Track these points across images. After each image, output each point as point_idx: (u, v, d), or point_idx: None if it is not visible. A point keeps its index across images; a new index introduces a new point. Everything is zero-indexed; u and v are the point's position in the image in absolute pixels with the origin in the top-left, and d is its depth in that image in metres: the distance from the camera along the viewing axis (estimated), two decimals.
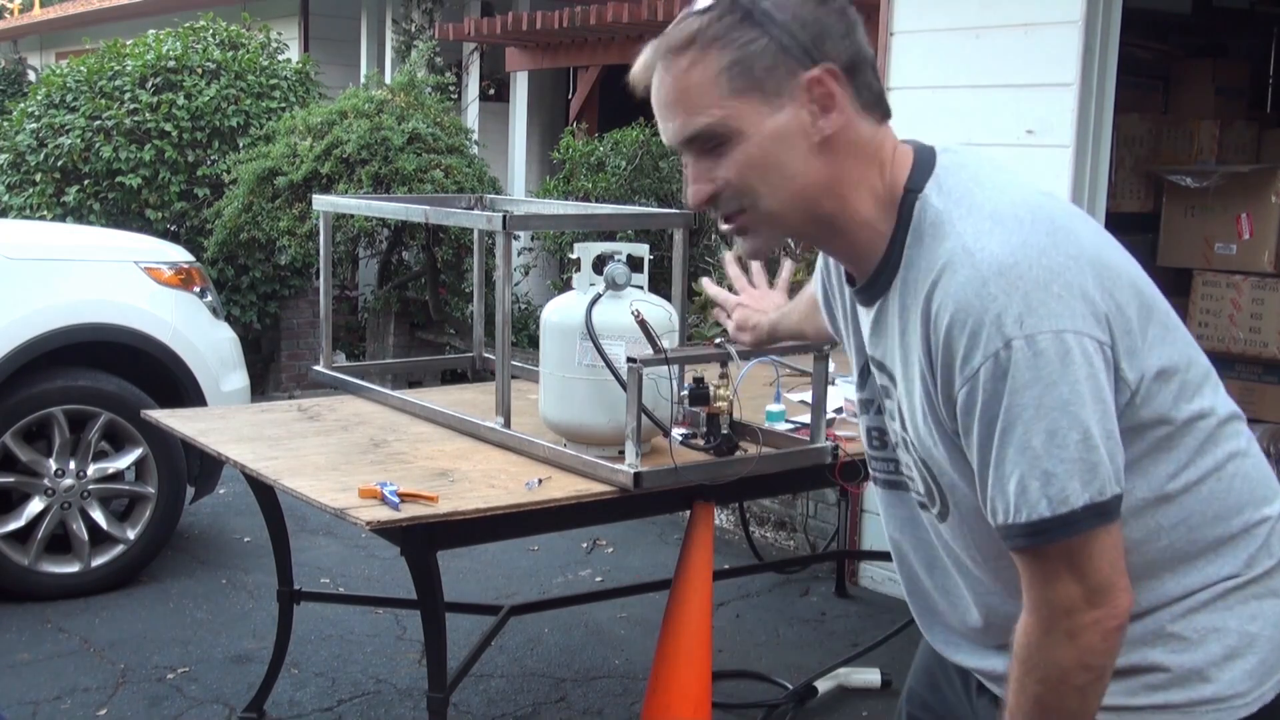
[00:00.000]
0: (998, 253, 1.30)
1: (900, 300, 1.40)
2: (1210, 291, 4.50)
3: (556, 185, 6.95)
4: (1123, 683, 1.40)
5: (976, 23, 4.12)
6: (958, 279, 1.30)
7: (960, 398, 1.32)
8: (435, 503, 2.58)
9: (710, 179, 1.40)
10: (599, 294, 2.93)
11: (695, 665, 2.90)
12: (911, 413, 1.43)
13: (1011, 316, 1.26)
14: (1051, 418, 1.26)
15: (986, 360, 1.27)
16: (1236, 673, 1.41)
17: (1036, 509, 1.28)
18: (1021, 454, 1.28)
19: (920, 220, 1.39)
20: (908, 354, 1.41)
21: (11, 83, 13.67)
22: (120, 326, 4.58)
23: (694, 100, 1.37)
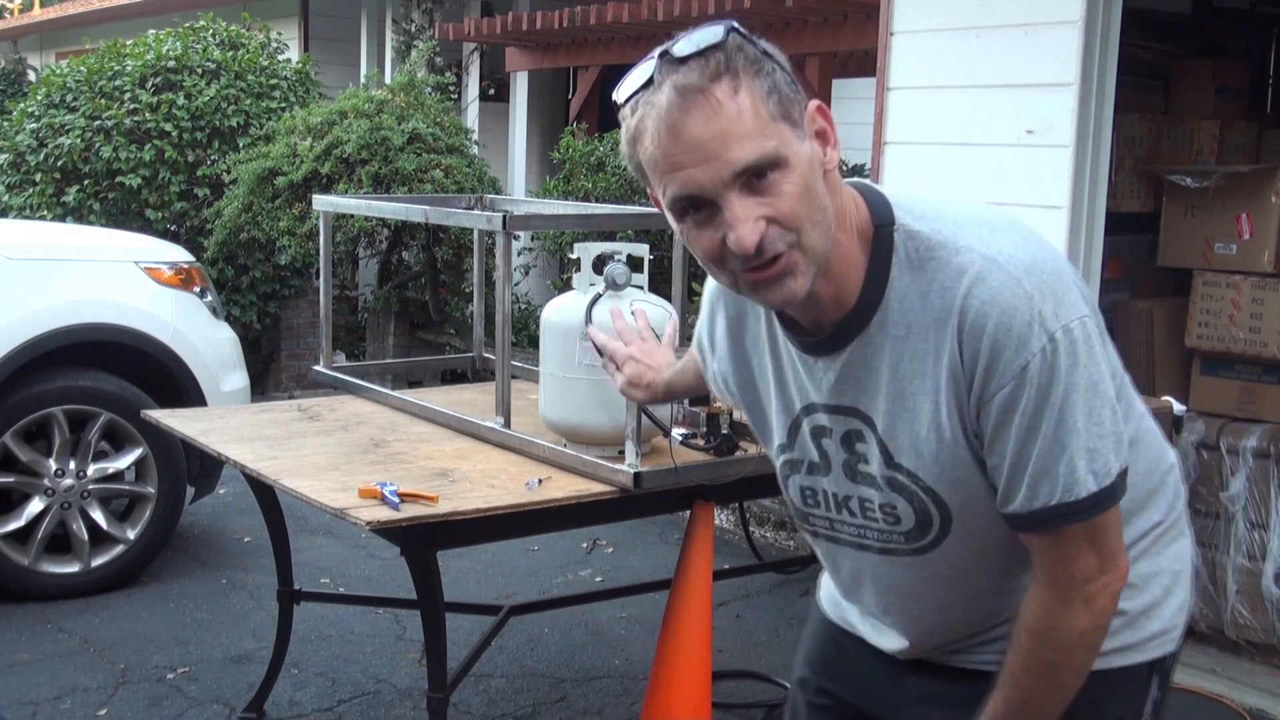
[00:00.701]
0: (1016, 254, 1.37)
1: (898, 330, 1.41)
2: (1210, 291, 4.50)
3: (556, 185, 6.95)
4: None
5: (976, 23, 4.11)
6: (992, 283, 1.35)
7: (1000, 396, 1.36)
8: (435, 503, 2.58)
9: (763, 216, 1.31)
10: (599, 294, 2.93)
11: (695, 665, 2.90)
12: (915, 440, 1.44)
13: (1049, 312, 1.34)
14: (1089, 399, 1.36)
15: (1034, 356, 1.34)
16: (1171, 608, 1.61)
17: (1085, 486, 1.37)
18: (1071, 435, 1.36)
19: (910, 247, 1.41)
20: (908, 381, 1.42)
21: (11, 83, 13.66)
22: (120, 326, 4.58)
23: (747, 127, 1.29)
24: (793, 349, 1.52)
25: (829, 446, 1.53)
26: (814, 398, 1.52)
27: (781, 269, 1.34)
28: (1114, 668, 1.55)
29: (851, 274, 1.42)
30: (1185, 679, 4.04)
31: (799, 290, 1.36)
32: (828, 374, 1.48)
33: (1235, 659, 4.16)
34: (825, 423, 1.52)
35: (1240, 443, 4.17)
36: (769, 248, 1.33)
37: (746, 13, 5.84)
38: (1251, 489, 4.12)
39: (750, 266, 1.34)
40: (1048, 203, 3.95)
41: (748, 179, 1.31)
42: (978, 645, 1.61)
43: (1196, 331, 4.54)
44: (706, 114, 1.29)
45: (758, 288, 1.37)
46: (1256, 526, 4.12)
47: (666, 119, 1.30)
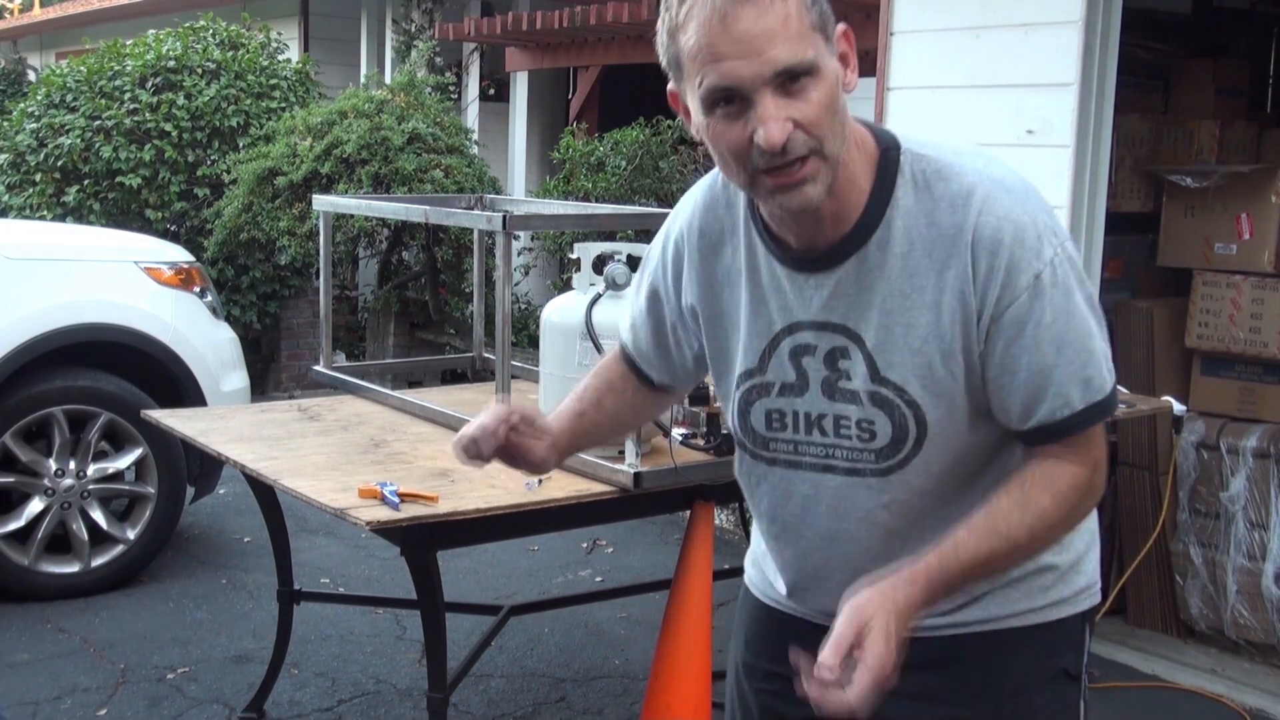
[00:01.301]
0: (1014, 181, 1.49)
1: (899, 248, 1.47)
2: (1210, 291, 4.50)
3: (556, 185, 6.95)
4: (1022, 587, 1.62)
5: (976, 23, 4.11)
6: (1004, 202, 1.45)
7: (1015, 308, 1.44)
8: (435, 503, 2.58)
9: (790, 117, 1.37)
10: (599, 294, 2.94)
11: (695, 665, 2.90)
12: (908, 353, 1.49)
13: (1050, 229, 1.46)
14: (1094, 309, 1.49)
15: (1046, 265, 1.44)
16: (1092, 562, 1.70)
17: (1106, 386, 1.49)
18: (1090, 339, 1.47)
19: (917, 169, 1.48)
20: (905, 296, 1.48)
21: (11, 83, 13.67)
22: (120, 326, 4.58)
23: (792, 30, 1.36)
24: (779, 268, 1.55)
25: (809, 365, 1.56)
26: (799, 316, 1.55)
27: (804, 174, 1.40)
28: (1053, 620, 1.65)
29: (853, 194, 1.48)
30: (1185, 679, 4.04)
31: (815, 197, 1.42)
32: (820, 290, 1.52)
33: (1235, 659, 4.17)
34: (810, 340, 1.55)
35: (1240, 443, 4.17)
36: (793, 149, 1.38)
37: None
38: (1251, 489, 4.12)
39: (772, 166, 1.40)
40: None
41: (783, 80, 1.36)
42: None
43: (1196, 331, 4.54)
44: (758, 10, 1.35)
45: (776, 191, 1.42)
46: (1256, 526, 4.12)
47: (720, 9, 1.35)
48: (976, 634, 1.63)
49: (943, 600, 1.49)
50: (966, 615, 1.63)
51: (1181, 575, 4.29)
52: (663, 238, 1.73)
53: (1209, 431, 4.24)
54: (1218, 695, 3.92)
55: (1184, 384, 4.59)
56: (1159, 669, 4.11)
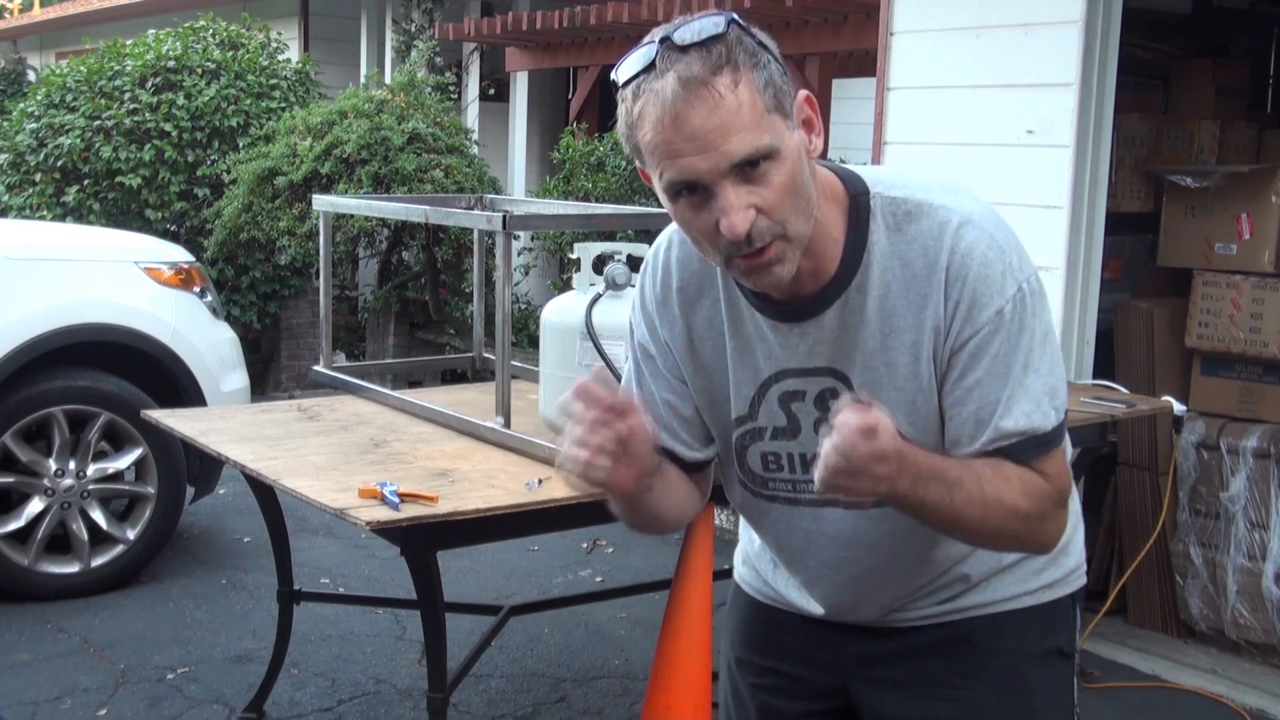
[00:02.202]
0: (984, 215, 1.50)
1: (877, 290, 1.50)
2: (1210, 291, 4.50)
3: (556, 185, 6.95)
4: (1014, 573, 1.68)
5: (976, 23, 4.12)
6: (969, 238, 1.47)
7: (976, 339, 1.47)
8: (435, 503, 2.58)
9: (751, 205, 1.38)
10: (599, 294, 2.94)
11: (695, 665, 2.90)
12: (891, 392, 1.51)
13: (1016, 263, 1.48)
14: (1048, 344, 1.51)
15: (1008, 302, 1.46)
16: (1077, 544, 1.75)
17: (1049, 419, 1.49)
18: (1038, 376, 1.48)
19: (888, 212, 1.50)
20: (885, 337, 1.50)
21: (11, 83, 13.67)
22: (120, 326, 4.58)
23: (745, 121, 1.36)
24: (761, 319, 1.57)
25: (799, 409, 1.58)
26: (786, 364, 1.57)
27: (770, 258, 1.42)
28: (1047, 602, 1.70)
29: (829, 246, 1.50)
30: (1185, 679, 4.04)
31: (785, 275, 1.45)
32: (804, 339, 1.55)
33: (1235, 659, 4.17)
34: (798, 386, 1.57)
35: (1240, 443, 4.17)
36: (757, 236, 1.40)
37: (746, 12, 5.84)
38: (1251, 489, 4.12)
39: (741, 253, 1.42)
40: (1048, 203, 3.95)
41: (741, 168, 1.38)
42: (914, 602, 1.69)
43: (1196, 331, 4.54)
44: (709, 106, 1.35)
45: (748, 272, 1.45)
46: (1256, 526, 4.12)
47: (670, 108, 1.36)
48: (972, 618, 1.68)
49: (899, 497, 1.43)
50: (963, 601, 1.68)
51: (1181, 575, 4.29)
52: (638, 300, 1.69)
53: (1209, 431, 4.24)
54: (1218, 695, 3.92)
55: (1184, 384, 4.59)
56: (1159, 669, 4.11)
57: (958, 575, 1.67)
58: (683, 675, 2.91)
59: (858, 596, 1.69)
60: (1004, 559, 1.67)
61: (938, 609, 1.68)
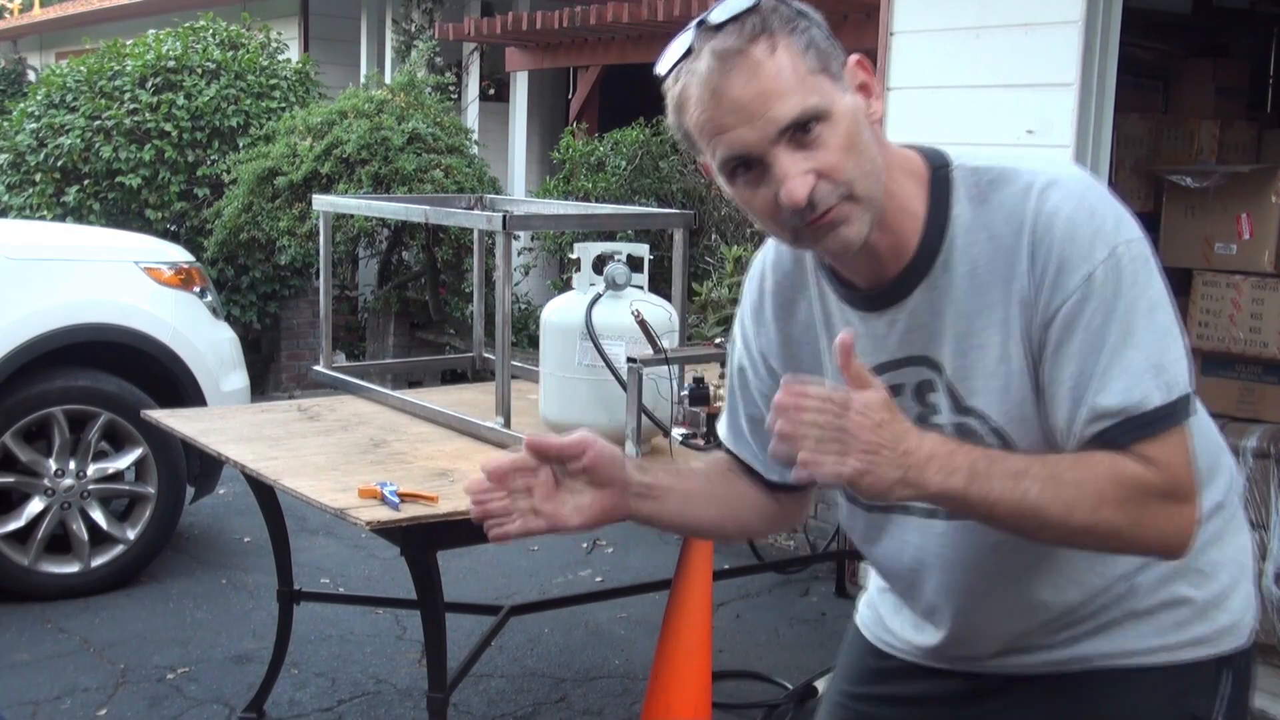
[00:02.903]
0: (1076, 177, 1.41)
1: (963, 266, 1.41)
2: (1210, 291, 4.49)
3: (556, 185, 6.95)
4: (1153, 622, 1.51)
5: (976, 23, 4.11)
6: (1056, 198, 1.37)
7: (1066, 308, 1.35)
8: (435, 503, 2.58)
9: (811, 169, 1.33)
10: (599, 294, 2.94)
11: (695, 665, 2.90)
12: (985, 377, 1.42)
13: (1110, 227, 1.36)
14: (1152, 315, 1.36)
15: (1098, 265, 1.34)
16: (1239, 600, 1.55)
17: (1150, 398, 1.34)
18: (1139, 349, 1.34)
19: (972, 182, 1.42)
20: (975, 316, 1.41)
21: (11, 83, 13.66)
22: (120, 326, 4.58)
23: (788, 84, 1.32)
24: (852, 313, 1.50)
25: (901, 405, 1.45)
26: (880, 358, 1.48)
27: (834, 217, 1.36)
28: (1184, 661, 1.52)
29: (908, 221, 1.43)
30: None
31: (855, 236, 1.37)
32: (894, 326, 1.47)
33: None
34: (894, 380, 1.47)
35: (1240, 443, 4.16)
36: (820, 201, 1.34)
37: None
38: (1251, 489, 4.12)
39: (806, 221, 1.36)
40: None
41: (793, 134, 1.33)
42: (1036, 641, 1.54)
43: (1196, 331, 4.54)
44: (746, 75, 1.31)
45: (817, 237, 1.38)
46: (1257, 527, 4.12)
47: (708, 84, 1.33)
48: (1098, 670, 1.52)
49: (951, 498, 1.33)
50: (1088, 648, 1.53)
51: None
52: (738, 313, 1.66)
53: None
54: None
55: None
56: None
57: (1086, 612, 1.51)
58: (683, 675, 2.91)
59: (977, 621, 1.55)
60: (1142, 600, 1.50)
61: (1060, 655, 1.53)
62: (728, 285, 5.46)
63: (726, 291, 5.45)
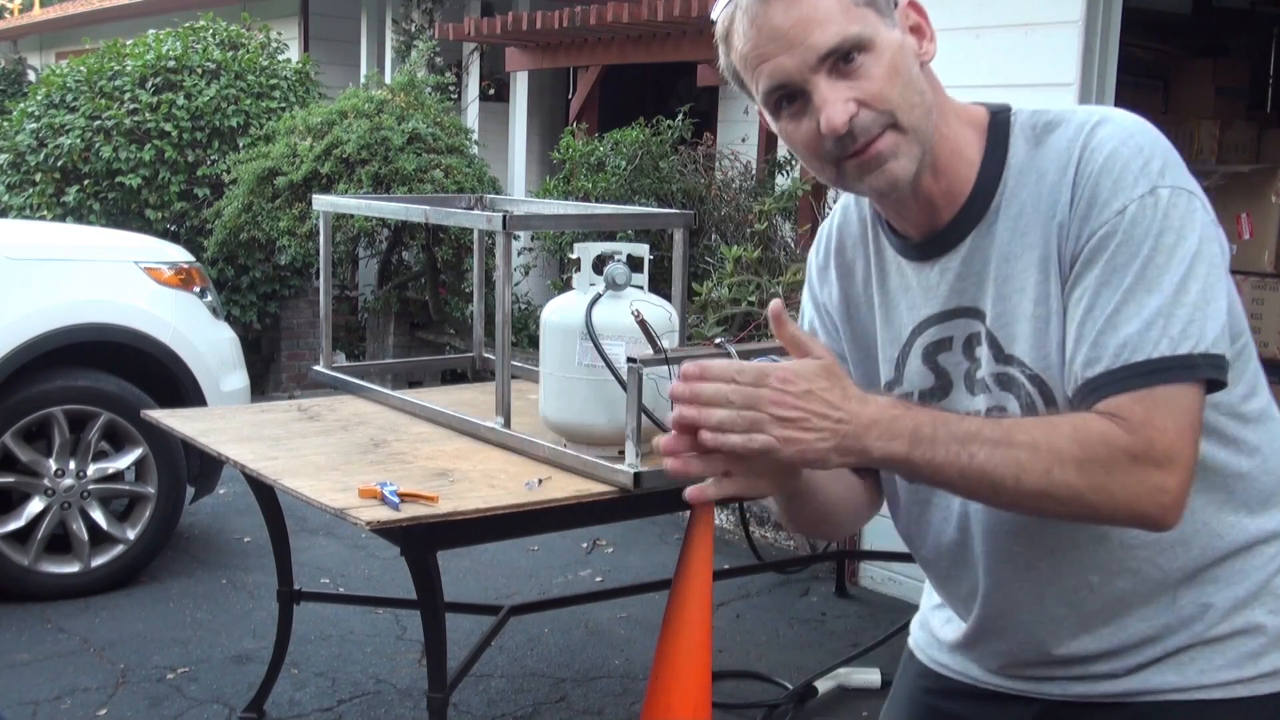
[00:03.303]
0: (1129, 118, 1.35)
1: (1012, 208, 1.37)
2: None
3: (556, 185, 6.95)
4: (1226, 652, 1.40)
5: (976, 23, 4.11)
6: (1103, 133, 1.33)
7: (1094, 239, 1.30)
8: (435, 503, 2.58)
9: (852, 98, 1.30)
10: (599, 294, 2.94)
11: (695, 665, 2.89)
12: (1023, 320, 1.36)
13: (1156, 168, 1.30)
14: (1184, 266, 1.27)
15: (1133, 202, 1.29)
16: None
17: (1151, 348, 1.26)
18: (1158, 294, 1.26)
19: (1029, 125, 1.40)
20: (1016, 258, 1.36)
21: (11, 83, 13.67)
22: (120, 326, 4.58)
23: (830, 12, 1.30)
24: (905, 263, 1.46)
25: (947, 361, 1.44)
26: (927, 311, 1.44)
27: (880, 149, 1.32)
28: (1265, 694, 1.41)
29: (963, 167, 1.40)
30: None
31: (902, 172, 1.33)
32: (945, 275, 1.42)
33: None
34: (942, 334, 1.44)
35: None
36: (861, 130, 1.31)
37: None
38: None
39: (848, 152, 1.33)
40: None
41: (834, 63, 1.31)
42: (1091, 660, 1.44)
43: None
44: (787, 2, 1.31)
45: (861, 174, 1.34)
46: None
47: (749, 14, 1.32)
48: (1168, 703, 1.41)
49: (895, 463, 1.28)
50: (1157, 679, 1.42)
51: None
52: (807, 276, 1.63)
53: None
54: None
55: None
56: None
57: (1145, 631, 1.41)
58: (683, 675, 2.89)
59: (1017, 598, 1.45)
60: (1214, 627, 1.40)
61: (1126, 685, 1.42)
62: (728, 285, 5.46)
63: (726, 291, 5.45)
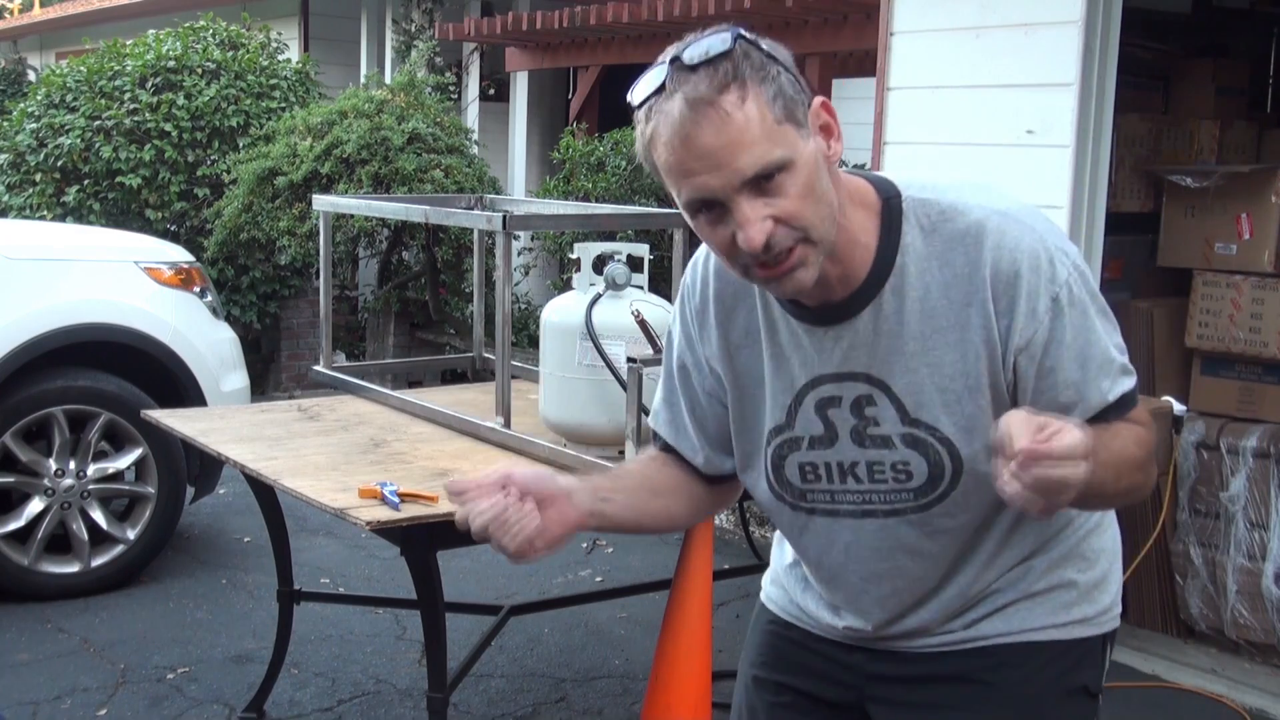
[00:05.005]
0: (1019, 209, 1.51)
1: (915, 291, 1.50)
2: (1210, 291, 4.50)
3: (556, 185, 6.95)
4: (1045, 603, 1.64)
5: (976, 23, 4.11)
6: (1010, 234, 1.48)
7: (1041, 329, 1.48)
8: (435, 503, 2.58)
9: (770, 215, 1.40)
10: (599, 294, 2.94)
11: (695, 665, 2.90)
12: (938, 393, 1.51)
13: (1060, 249, 1.49)
14: (1106, 314, 1.53)
15: (1061, 287, 1.47)
16: (1114, 584, 1.71)
17: (1130, 379, 1.53)
18: (1107, 347, 1.51)
19: (922, 214, 1.51)
20: (928, 337, 1.50)
21: (11, 83, 13.67)
22: (120, 326, 4.58)
23: (755, 135, 1.37)
24: (797, 325, 1.57)
25: (836, 416, 1.58)
26: (820, 370, 1.57)
27: (792, 264, 1.43)
28: (1076, 638, 1.66)
29: (858, 251, 1.50)
30: (1185, 679, 4.04)
31: (808, 280, 1.45)
32: (839, 343, 1.55)
33: (1235, 659, 4.17)
34: (834, 392, 1.57)
35: (1240, 443, 4.17)
36: (776, 245, 1.41)
37: (747, 13, 5.83)
38: (1251, 489, 4.12)
39: (760, 262, 1.43)
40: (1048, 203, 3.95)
41: (755, 182, 1.39)
42: (941, 624, 1.66)
43: (1196, 331, 4.54)
44: (716, 125, 1.36)
45: (769, 281, 1.47)
46: (1256, 526, 4.12)
47: (679, 130, 1.38)
48: (995, 646, 1.65)
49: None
50: (987, 628, 1.65)
51: (1181, 575, 4.29)
52: (678, 310, 1.73)
53: (1209, 431, 4.24)
54: (1218, 695, 3.92)
55: (1184, 384, 4.59)
56: (1159, 669, 4.11)
57: (990, 591, 1.64)
58: (683, 675, 2.91)
59: (903, 608, 1.66)
60: (1035, 584, 1.64)
61: (962, 635, 1.66)
62: None
63: None
